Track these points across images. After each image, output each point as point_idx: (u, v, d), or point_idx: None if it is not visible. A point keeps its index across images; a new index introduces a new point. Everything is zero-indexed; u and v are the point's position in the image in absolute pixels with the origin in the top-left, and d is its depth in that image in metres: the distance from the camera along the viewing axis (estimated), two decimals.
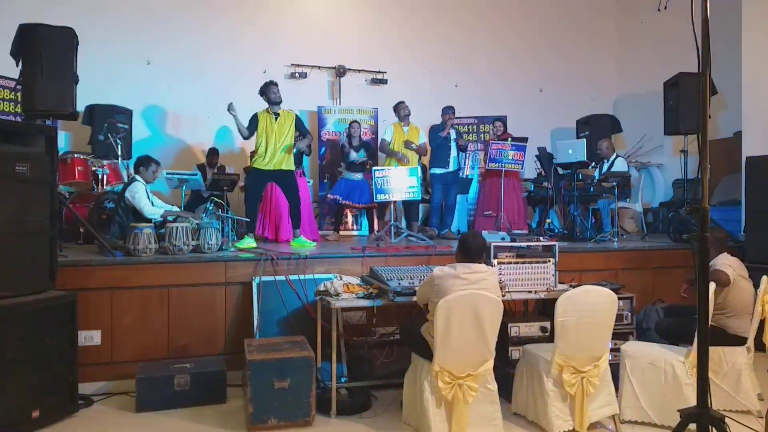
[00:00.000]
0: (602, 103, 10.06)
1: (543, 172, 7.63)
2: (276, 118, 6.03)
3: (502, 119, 8.34)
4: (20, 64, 4.65)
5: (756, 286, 4.18)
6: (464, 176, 8.51)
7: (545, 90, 10.20)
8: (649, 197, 9.25)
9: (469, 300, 3.47)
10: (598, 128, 8.72)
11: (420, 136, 7.22)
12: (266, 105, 6.09)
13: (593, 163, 7.29)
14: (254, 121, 5.99)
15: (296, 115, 6.20)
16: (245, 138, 6.06)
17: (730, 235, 6.48)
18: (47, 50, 4.56)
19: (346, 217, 7.84)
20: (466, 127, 9.53)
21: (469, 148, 8.48)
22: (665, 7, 2.50)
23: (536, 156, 7.71)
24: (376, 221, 7.32)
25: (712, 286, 3.87)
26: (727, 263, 4.09)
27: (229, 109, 5.70)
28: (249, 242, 5.70)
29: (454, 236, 7.20)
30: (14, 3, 7.38)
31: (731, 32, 7.28)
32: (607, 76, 10.36)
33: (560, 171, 7.40)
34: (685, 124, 7.07)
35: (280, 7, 8.88)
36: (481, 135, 9.43)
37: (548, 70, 10.14)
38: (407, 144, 6.97)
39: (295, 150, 6.15)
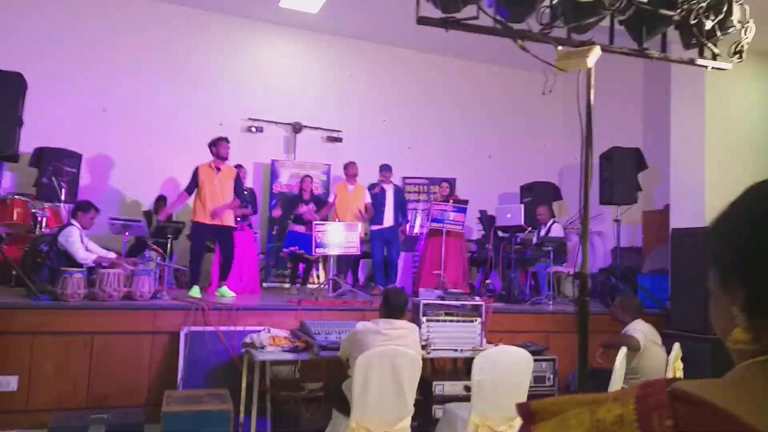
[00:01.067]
0: (549, 171, 10.50)
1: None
2: (217, 173, 6.13)
3: (450, 181, 8.60)
4: None
5: (669, 352, 4.37)
6: (411, 234, 8.68)
7: (494, 156, 10.60)
8: (590, 263, 9.56)
9: (388, 355, 3.54)
10: (539, 194, 9.08)
11: (365, 195, 7.43)
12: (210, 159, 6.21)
13: (530, 228, 7.57)
14: (195, 175, 6.09)
15: (237, 174, 6.33)
16: (190, 194, 6.17)
17: (660, 302, 6.76)
18: None
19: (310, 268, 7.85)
20: (416, 187, 9.79)
21: (414, 207, 8.71)
22: (550, 91, 2.76)
23: (478, 218, 7.96)
24: (319, 273, 7.40)
25: (623, 350, 4.04)
26: (639, 329, 4.28)
27: None
28: (197, 292, 5.70)
29: None
30: None
31: (663, 108, 7.82)
32: (554, 145, 10.86)
33: (500, 234, 7.65)
34: (618, 195, 7.43)
35: (239, 62, 9.13)
36: (431, 195, 9.68)
37: (498, 137, 10.57)
38: (360, 216, 7.22)
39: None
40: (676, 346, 4.39)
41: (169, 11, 8.72)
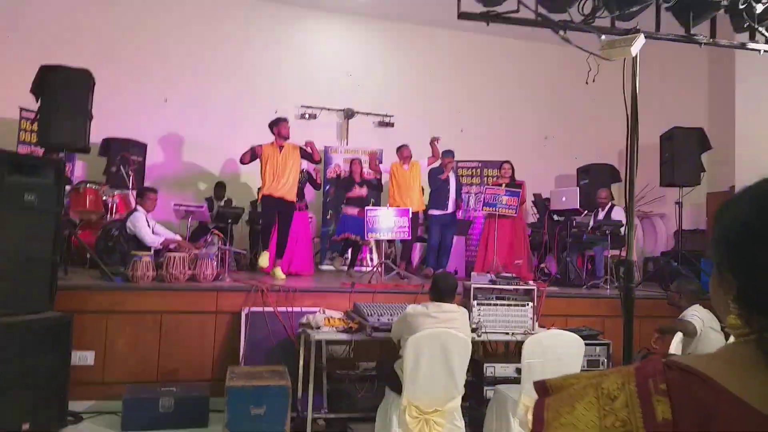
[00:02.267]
0: (607, 152, 10.23)
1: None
2: (281, 150, 6.36)
3: (511, 163, 8.53)
4: (39, 100, 5.02)
5: (726, 338, 4.26)
6: (465, 218, 8.70)
7: (550, 137, 10.42)
8: (652, 246, 9.33)
9: (438, 338, 3.63)
10: (597, 177, 8.89)
11: (419, 174, 7.49)
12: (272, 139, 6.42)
13: (586, 211, 7.43)
14: (254, 151, 6.37)
15: (300, 147, 6.53)
16: (243, 163, 6.52)
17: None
18: (64, 90, 4.94)
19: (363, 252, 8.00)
20: (469, 170, 9.76)
21: (467, 191, 8.70)
22: (593, 80, 2.72)
23: (532, 202, 7.89)
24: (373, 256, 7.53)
25: (679, 335, 3.99)
26: (696, 314, 4.20)
27: None
28: (280, 273, 6.05)
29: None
30: (43, 44, 7.89)
31: (728, 89, 7.51)
32: (613, 127, 10.53)
33: (555, 217, 7.56)
34: (680, 176, 7.19)
35: (292, 50, 9.32)
36: (485, 179, 9.63)
37: (554, 118, 10.37)
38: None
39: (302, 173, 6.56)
40: None
41: (223, 3, 8.97)
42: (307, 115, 9.21)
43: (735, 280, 0.77)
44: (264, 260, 6.03)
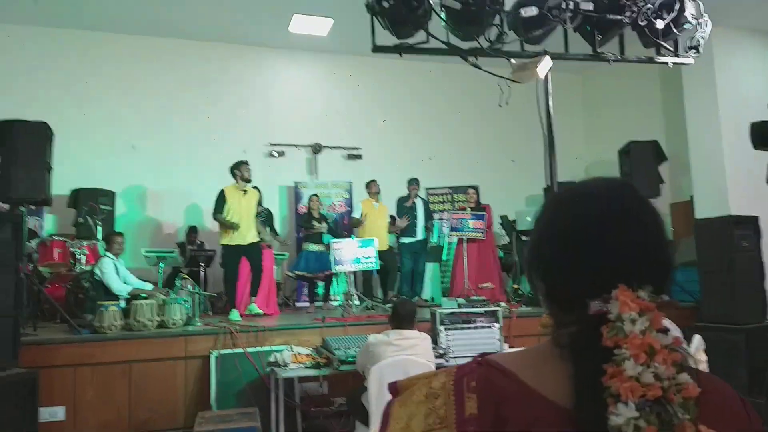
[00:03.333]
0: (573, 170, 10.43)
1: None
2: (244, 194, 6.40)
3: (475, 187, 8.68)
4: None
5: (688, 344, 4.34)
6: (437, 244, 8.78)
7: (518, 159, 10.60)
8: None
9: (400, 365, 3.66)
10: None
11: (387, 213, 7.60)
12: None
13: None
14: (222, 197, 6.35)
15: (259, 192, 6.60)
16: (216, 216, 6.43)
17: (692, 295, 6.62)
18: (22, 143, 4.98)
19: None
20: (441, 196, 9.89)
21: (440, 217, 8.80)
22: (506, 103, 2.84)
23: (500, 224, 8.00)
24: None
25: None
26: None
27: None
28: (236, 316, 5.97)
29: (424, 303, 7.40)
30: (9, 96, 7.94)
31: (679, 101, 7.75)
32: (576, 145, 10.79)
33: (523, 238, 7.67)
34: (639, 189, 7.34)
35: (256, 90, 9.45)
36: (456, 204, 9.76)
37: (519, 140, 10.55)
38: (390, 229, 7.50)
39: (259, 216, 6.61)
40: (697, 338, 4.35)
41: (185, 46, 9.10)
42: (275, 153, 9.31)
43: (542, 283, 0.86)
44: (235, 316, 5.98)
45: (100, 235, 7.01)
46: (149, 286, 6.07)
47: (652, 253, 0.81)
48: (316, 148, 9.51)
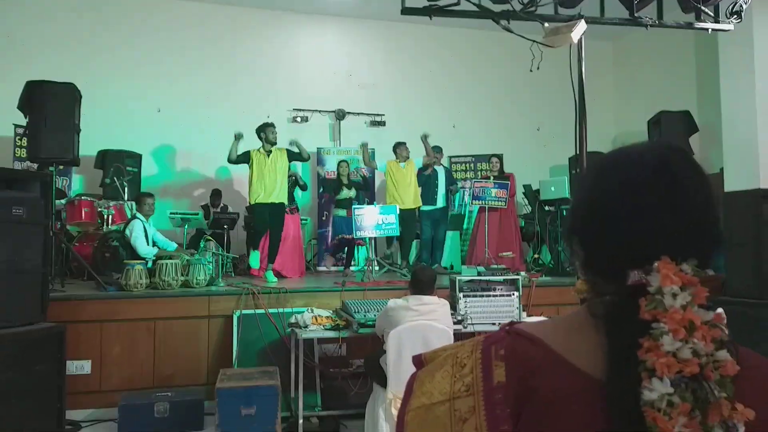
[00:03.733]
0: (598, 141, 10.24)
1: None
2: (269, 155, 6.43)
3: (499, 156, 8.58)
4: (27, 116, 5.13)
5: None
6: (459, 212, 8.74)
7: (543, 128, 10.44)
8: None
9: (418, 330, 3.69)
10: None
11: (414, 172, 7.55)
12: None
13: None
14: (245, 156, 6.45)
15: (286, 149, 6.60)
16: (230, 161, 6.61)
17: (718, 269, 6.53)
18: (51, 104, 5.05)
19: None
20: (463, 165, 9.81)
21: (463, 185, 8.75)
22: (538, 68, 2.76)
23: (523, 193, 7.93)
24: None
25: None
26: None
27: (237, 137, 6.43)
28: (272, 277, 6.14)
29: (444, 271, 7.42)
30: (36, 60, 8.02)
31: (714, 71, 7.51)
32: (603, 115, 10.56)
33: (546, 208, 7.60)
34: None
35: (282, 54, 9.40)
36: (478, 173, 9.68)
37: (546, 108, 10.37)
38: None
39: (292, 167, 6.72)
40: (719, 311, 4.31)
41: (213, 11, 9.08)
42: (299, 119, 9.29)
43: (581, 249, 0.83)
44: (255, 261, 6.11)
45: (126, 196, 7.12)
46: (174, 246, 6.16)
47: (698, 224, 0.77)
48: (340, 114, 9.47)
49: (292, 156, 6.66)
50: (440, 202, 7.54)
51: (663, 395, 0.67)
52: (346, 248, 7.42)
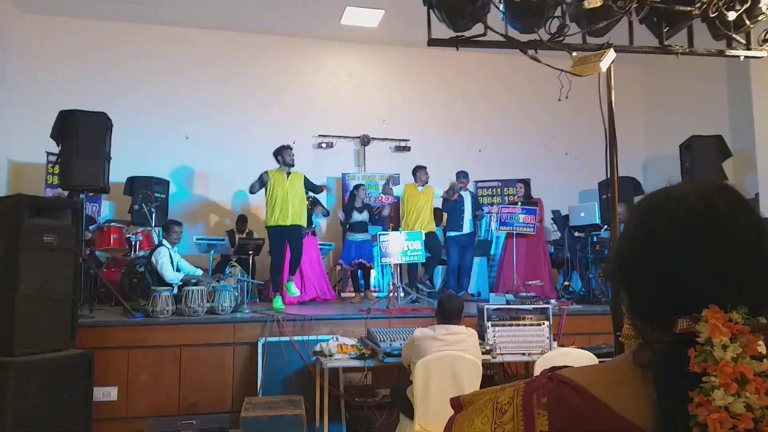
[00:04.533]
0: (629, 166, 10.09)
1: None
2: (287, 177, 6.47)
3: (525, 181, 8.51)
4: (59, 144, 5.25)
5: None
6: (486, 238, 8.66)
7: (571, 153, 10.34)
8: None
9: (446, 360, 3.62)
10: (618, 191, 8.73)
11: (435, 196, 7.51)
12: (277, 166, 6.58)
13: (606, 226, 7.33)
14: (264, 178, 6.44)
15: (304, 176, 6.63)
16: (252, 193, 6.59)
17: None
18: (82, 133, 5.17)
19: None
20: (490, 190, 9.75)
21: (489, 210, 8.67)
22: (566, 97, 2.71)
23: (552, 219, 7.82)
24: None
25: None
26: None
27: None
28: (280, 304, 6.08)
29: (471, 298, 7.32)
30: (67, 90, 8.25)
31: (746, 94, 7.38)
32: (633, 140, 10.43)
33: (576, 234, 7.47)
34: None
35: (307, 81, 9.52)
36: (505, 198, 9.60)
37: (574, 133, 10.28)
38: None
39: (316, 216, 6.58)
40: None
41: (239, 39, 9.25)
42: (324, 144, 9.36)
43: (626, 295, 0.80)
44: (279, 303, 6.08)
45: (154, 222, 7.21)
46: (200, 272, 6.19)
47: (748, 269, 0.72)
48: (365, 140, 9.51)
49: (309, 185, 6.68)
50: (467, 228, 7.47)
51: None
52: (359, 272, 7.39)
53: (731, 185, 0.80)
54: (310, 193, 6.98)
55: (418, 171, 7.63)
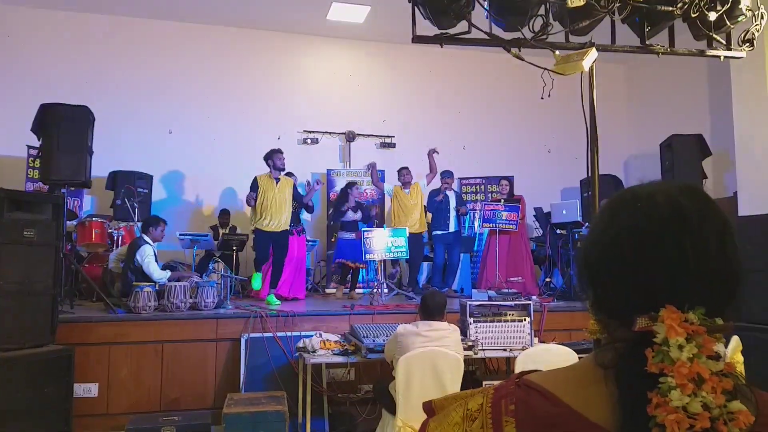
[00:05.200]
0: (611, 164, 10.20)
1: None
2: (277, 183, 6.43)
3: (509, 179, 8.55)
4: (40, 138, 5.18)
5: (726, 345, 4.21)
6: (469, 235, 8.70)
7: (553, 150, 10.43)
8: None
9: (428, 356, 3.65)
10: (600, 188, 8.83)
11: (420, 195, 7.54)
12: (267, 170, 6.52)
13: (587, 223, 7.41)
14: (255, 184, 6.40)
15: (294, 183, 6.60)
16: (251, 205, 6.48)
17: None
18: (64, 127, 5.10)
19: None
20: (473, 187, 9.79)
21: (473, 207, 8.72)
22: (549, 95, 2.73)
23: (534, 216, 7.88)
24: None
25: None
26: None
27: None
28: (273, 300, 6.07)
29: (455, 294, 7.37)
30: (48, 83, 8.14)
31: (727, 93, 7.48)
32: (615, 137, 10.53)
33: (558, 231, 7.55)
34: None
35: (291, 77, 9.48)
36: (489, 195, 9.66)
37: (557, 130, 10.36)
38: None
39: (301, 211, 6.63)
40: (734, 339, 4.22)
41: (224, 33, 9.19)
42: (309, 140, 9.33)
43: (591, 290, 0.82)
44: (256, 282, 6.07)
45: (136, 217, 7.15)
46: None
47: (712, 269, 0.73)
48: (350, 136, 9.51)
49: (296, 195, 6.68)
50: (452, 227, 7.52)
51: None
52: (350, 273, 7.37)
53: (699, 186, 0.82)
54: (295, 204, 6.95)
55: (402, 172, 7.67)
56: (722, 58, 2.64)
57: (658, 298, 0.72)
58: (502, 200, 7.33)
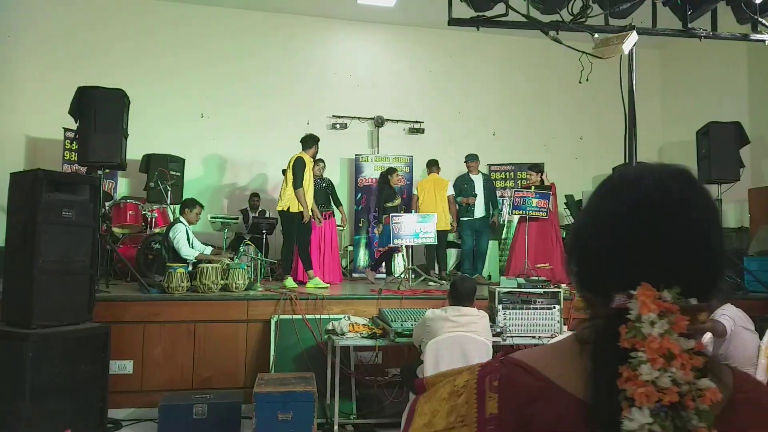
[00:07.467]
0: (644, 151, 9.98)
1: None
2: (313, 166, 6.48)
3: (540, 165, 8.43)
4: (77, 121, 5.29)
5: (761, 336, 4.13)
6: (498, 222, 8.64)
7: (586, 137, 10.27)
8: None
9: (456, 341, 3.66)
10: None
11: (445, 193, 7.50)
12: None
13: None
14: (302, 165, 6.31)
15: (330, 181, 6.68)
16: (300, 186, 6.35)
17: (764, 285, 6.29)
18: (100, 109, 5.20)
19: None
20: (503, 173, 9.71)
21: (504, 195, 8.66)
22: (587, 80, 2.67)
23: (565, 204, 7.78)
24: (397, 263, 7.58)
25: (708, 335, 3.89)
26: (726, 314, 4.08)
27: None
28: (291, 283, 6.09)
29: (484, 281, 7.33)
30: (85, 67, 8.29)
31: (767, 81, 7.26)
32: (649, 125, 10.29)
33: None
34: (717, 173, 6.98)
35: (322, 61, 9.49)
36: (518, 182, 9.56)
37: (590, 117, 10.20)
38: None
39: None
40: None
41: (254, 17, 9.23)
42: (338, 125, 9.35)
43: (577, 267, 0.84)
44: (290, 282, 6.10)
45: (169, 200, 7.27)
46: (209, 249, 6.18)
47: (692, 253, 0.76)
48: (379, 122, 9.49)
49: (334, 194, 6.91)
50: (479, 212, 7.45)
51: (643, 425, 0.67)
52: (387, 256, 7.39)
53: (688, 171, 0.82)
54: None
55: (429, 164, 7.64)
56: (766, 42, 2.55)
57: (639, 278, 0.73)
58: (533, 187, 7.24)
